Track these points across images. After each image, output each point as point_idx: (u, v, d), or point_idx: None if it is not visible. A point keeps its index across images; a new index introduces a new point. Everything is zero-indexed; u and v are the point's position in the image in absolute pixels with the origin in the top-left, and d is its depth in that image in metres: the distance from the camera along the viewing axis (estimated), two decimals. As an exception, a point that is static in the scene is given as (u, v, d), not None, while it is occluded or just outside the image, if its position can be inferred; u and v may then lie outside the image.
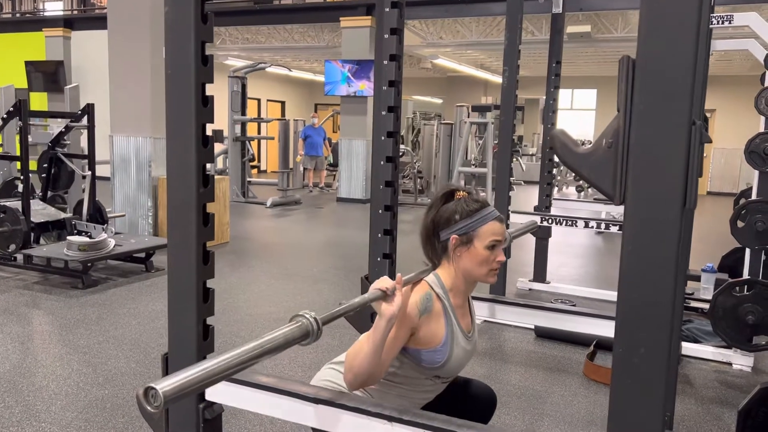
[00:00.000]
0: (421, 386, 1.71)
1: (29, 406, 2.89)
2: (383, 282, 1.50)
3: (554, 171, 5.66)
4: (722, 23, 3.79)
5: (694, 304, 4.42)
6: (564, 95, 17.44)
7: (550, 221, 4.65)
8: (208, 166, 1.51)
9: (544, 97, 5.31)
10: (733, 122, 14.95)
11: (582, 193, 12.26)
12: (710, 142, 1.09)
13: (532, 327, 4.08)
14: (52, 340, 3.82)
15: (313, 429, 1.59)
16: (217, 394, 1.63)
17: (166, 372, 1.65)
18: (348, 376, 1.58)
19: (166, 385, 0.90)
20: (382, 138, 2.42)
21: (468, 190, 1.75)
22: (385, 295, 1.49)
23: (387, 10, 2.36)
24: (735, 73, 14.90)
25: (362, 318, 2.40)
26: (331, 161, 14.27)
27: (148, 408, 0.89)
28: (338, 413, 1.49)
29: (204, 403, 1.63)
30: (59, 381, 3.18)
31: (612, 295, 4.83)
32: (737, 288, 3.33)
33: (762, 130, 3.58)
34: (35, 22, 14.35)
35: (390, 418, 1.43)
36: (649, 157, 1.05)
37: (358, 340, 1.71)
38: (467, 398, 1.91)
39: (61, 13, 15.42)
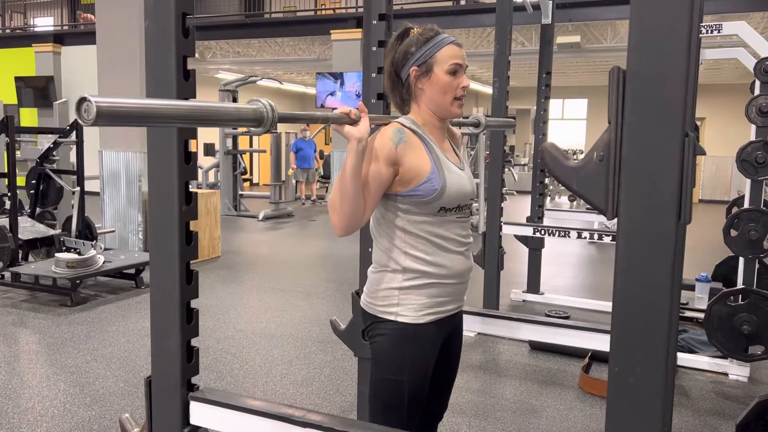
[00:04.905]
0: (435, 227, 1.59)
1: (14, 428, 2.82)
2: (347, 107, 1.44)
3: (546, 181, 5.64)
4: (711, 32, 3.80)
5: (688, 313, 4.40)
6: (555, 105, 17.51)
7: (543, 232, 4.62)
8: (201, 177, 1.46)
9: (535, 108, 5.31)
10: (723, 131, 15.03)
11: (574, 203, 12.27)
12: (704, 154, 1.06)
13: (527, 339, 4.04)
14: (39, 360, 3.75)
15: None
16: (202, 418, 1.58)
17: (150, 397, 1.60)
18: (333, 218, 1.49)
19: (102, 101, 0.86)
20: (372, 151, 2.38)
21: (423, 25, 1.66)
22: (351, 119, 1.43)
23: (374, 22, 2.34)
24: (724, 81, 15.00)
25: (354, 336, 2.36)
26: (322, 173, 14.25)
27: (80, 121, 0.86)
28: (327, 437, 1.44)
29: (189, 428, 1.58)
30: (45, 402, 3.11)
31: (606, 306, 4.82)
32: (732, 297, 3.30)
33: (753, 138, 3.57)
34: (25, 38, 14.30)
35: (380, 441, 1.39)
36: (641, 170, 1.01)
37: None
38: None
39: (51, 28, 15.39)
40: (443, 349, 1.71)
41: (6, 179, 5.66)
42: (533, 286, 5.27)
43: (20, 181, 5.87)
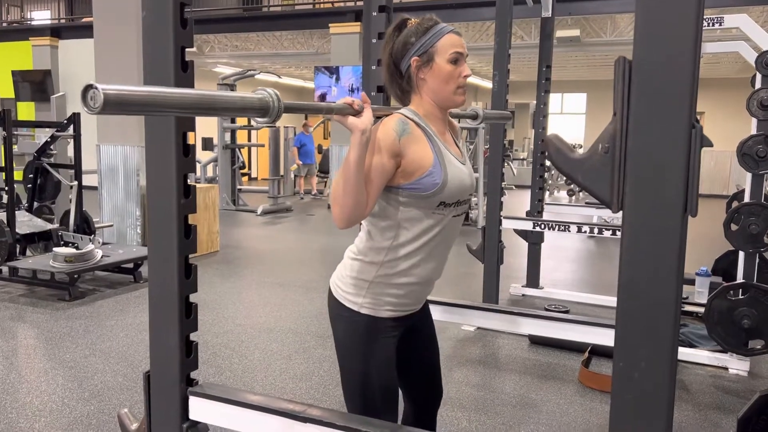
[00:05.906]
0: (430, 226, 1.58)
1: (12, 423, 2.81)
2: (350, 98, 1.42)
3: (545, 175, 5.63)
4: (712, 25, 3.78)
5: (688, 307, 4.39)
6: (554, 99, 17.49)
7: (542, 226, 4.61)
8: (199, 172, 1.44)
9: (535, 102, 5.29)
10: (722, 125, 15.04)
11: (573, 197, 12.27)
12: (711, 145, 1.05)
13: (526, 334, 4.03)
14: (37, 355, 3.74)
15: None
16: (202, 413, 1.56)
17: (149, 392, 1.58)
18: (335, 210, 1.47)
19: (109, 89, 0.88)
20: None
21: (420, 16, 1.64)
22: (354, 110, 1.40)
23: (374, 14, 2.32)
24: (723, 75, 14.99)
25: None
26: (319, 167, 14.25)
27: (86, 110, 0.87)
28: (328, 432, 1.43)
29: (188, 423, 1.57)
30: (43, 397, 3.10)
31: (605, 300, 4.82)
32: (732, 292, 3.29)
33: (754, 132, 3.55)
34: (22, 32, 14.25)
35: (381, 436, 1.38)
36: (648, 162, 1.00)
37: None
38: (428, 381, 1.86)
39: (49, 22, 15.33)
40: (412, 334, 1.73)
41: (3, 173, 5.63)
42: (533, 280, 5.27)
43: (17, 175, 5.85)
